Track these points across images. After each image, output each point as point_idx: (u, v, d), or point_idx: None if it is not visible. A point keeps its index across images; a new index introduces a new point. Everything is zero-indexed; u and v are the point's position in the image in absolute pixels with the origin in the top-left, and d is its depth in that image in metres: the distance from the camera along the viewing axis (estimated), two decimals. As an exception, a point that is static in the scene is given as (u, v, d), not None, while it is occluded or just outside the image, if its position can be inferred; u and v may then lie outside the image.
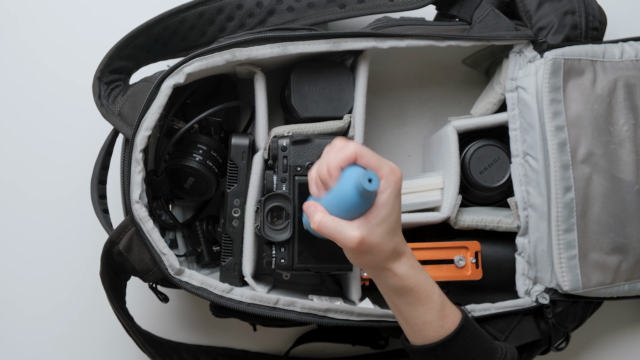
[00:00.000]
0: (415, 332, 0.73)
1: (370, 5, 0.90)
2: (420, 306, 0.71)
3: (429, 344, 0.72)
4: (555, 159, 0.84)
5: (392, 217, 0.67)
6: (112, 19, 1.03)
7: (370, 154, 0.67)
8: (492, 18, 0.88)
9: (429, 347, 0.72)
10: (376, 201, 0.66)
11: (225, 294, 0.83)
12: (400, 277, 0.69)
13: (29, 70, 1.03)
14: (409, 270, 0.70)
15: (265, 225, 0.81)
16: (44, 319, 1.02)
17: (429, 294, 0.71)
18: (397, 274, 0.69)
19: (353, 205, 0.66)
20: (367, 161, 0.66)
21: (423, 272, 0.71)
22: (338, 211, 0.67)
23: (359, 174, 0.64)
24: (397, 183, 0.67)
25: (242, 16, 0.90)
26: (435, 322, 0.71)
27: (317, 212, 0.68)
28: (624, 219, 0.85)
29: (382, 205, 0.66)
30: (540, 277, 0.88)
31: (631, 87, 0.86)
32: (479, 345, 0.73)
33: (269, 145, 0.86)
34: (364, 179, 0.63)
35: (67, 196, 1.02)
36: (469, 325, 0.73)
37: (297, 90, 0.89)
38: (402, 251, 0.70)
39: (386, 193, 0.66)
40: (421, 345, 0.72)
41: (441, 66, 1.03)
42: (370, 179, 0.63)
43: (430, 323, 0.71)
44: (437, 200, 0.91)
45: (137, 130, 0.81)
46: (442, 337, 0.71)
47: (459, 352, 0.72)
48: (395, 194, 0.67)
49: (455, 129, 0.91)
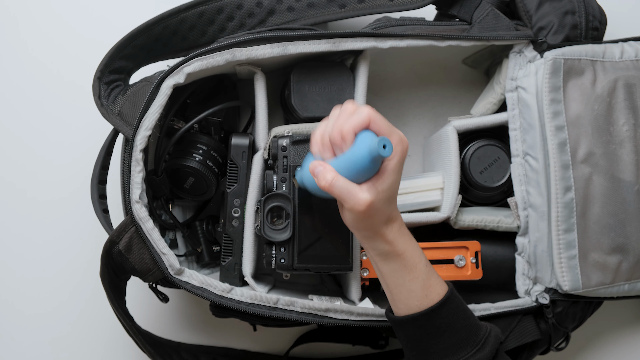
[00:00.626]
0: (399, 301, 0.72)
1: (370, 5, 0.90)
2: (406, 274, 0.71)
3: (412, 314, 0.71)
4: (555, 159, 0.84)
5: (395, 184, 0.69)
6: (112, 19, 1.03)
7: (382, 120, 0.67)
8: (492, 18, 0.88)
9: (412, 316, 0.71)
10: (383, 168, 0.67)
11: (225, 293, 0.83)
12: (389, 242, 0.70)
13: (29, 70, 1.03)
14: (399, 237, 0.71)
15: (265, 225, 0.81)
16: (44, 319, 1.02)
17: (415, 262, 0.71)
18: (387, 239, 0.70)
19: (364, 170, 0.66)
20: (379, 127, 0.67)
21: (412, 241, 0.72)
22: (348, 174, 0.67)
23: (373, 139, 0.64)
24: (403, 152, 0.68)
25: (242, 16, 0.90)
26: (420, 291, 0.71)
27: (328, 172, 0.68)
28: (624, 219, 0.85)
29: (389, 172, 0.67)
30: (540, 277, 0.88)
31: (631, 87, 0.86)
32: (463, 320, 0.72)
33: (269, 145, 0.86)
34: (379, 145, 0.64)
35: (67, 196, 1.02)
36: (454, 299, 0.73)
37: (297, 90, 0.89)
38: (394, 217, 0.71)
39: (394, 160, 0.67)
40: (404, 316, 0.72)
41: (441, 66, 1.03)
42: (384, 145, 0.64)
43: (414, 291, 0.71)
44: (437, 200, 0.91)
45: (137, 130, 0.81)
46: (426, 307, 0.71)
47: (442, 325, 0.71)
48: (401, 162, 0.68)
49: (455, 129, 0.91)
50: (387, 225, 0.70)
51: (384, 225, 0.70)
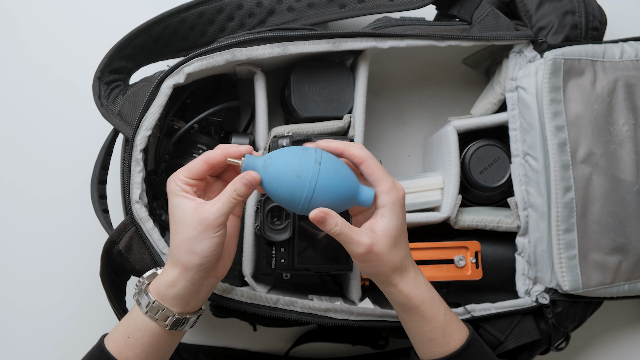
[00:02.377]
0: (422, 347, 0.74)
1: (370, 5, 0.90)
2: (425, 324, 0.72)
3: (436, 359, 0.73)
4: (555, 159, 0.84)
5: (396, 230, 0.69)
6: (112, 19, 1.03)
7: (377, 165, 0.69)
8: (492, 18, 0.88)
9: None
10: (379, 212, 0.69)
11: (225, 294, 0.83)
12: (404, 295, 0.71)
13: (29, 70, 1.03)
14: (415, 289, 0.71)
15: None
16: (44, 318, 1.02)
17: (434, 313, 0.72)
18: (402, 292, 0.71)
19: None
20: (372, 171, 0.69)
21: (430, 291, 0.72)
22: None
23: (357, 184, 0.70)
24: (399, 198, 0.69)
25: (242, 16, 0.90)
26: (440, 339, 0.72)
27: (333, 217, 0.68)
28: (624, 219, 0.85)
29: (385, 216, 0.69)
30: (540, 277, 0.88)
31: (631, 87, 0.86)
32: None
33: (269, 145, 0.86)
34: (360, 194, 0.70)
35: (67, 196, 1.02)
36: (475, 343, 0.74)
37: (297, 90, 0.89)
38: (407, 268, 0.71)
39: (389, 207, 0.69)
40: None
41: (441, 66, 1.03)
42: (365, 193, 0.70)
43: (435, 340, 0.72)
44: (437, 200, 0.91)
45: (137, 130, 0.81)
46: (448, 353, 0.72)
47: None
48: (396, 208, 0.69)
49: (455, 129, 0.91)
50: (399, 276, 0.70)
51: (396, 275, 0.70)
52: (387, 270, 0.70)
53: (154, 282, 0.71)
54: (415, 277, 0.71)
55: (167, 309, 0.70)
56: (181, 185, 0.70)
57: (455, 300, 0.92)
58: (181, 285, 0.69)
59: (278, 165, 0.68)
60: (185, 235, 0.68)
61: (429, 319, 0.71)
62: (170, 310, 0.70)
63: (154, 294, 0.70)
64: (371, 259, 0.69)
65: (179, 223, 0.69)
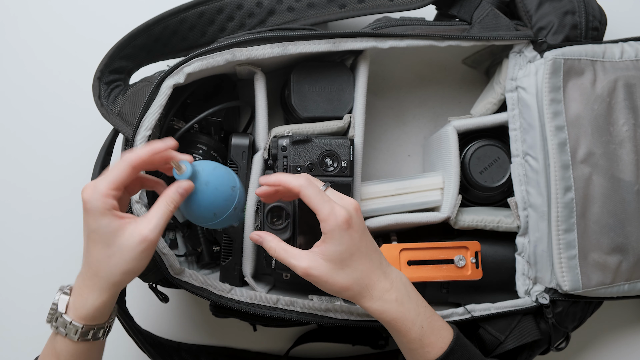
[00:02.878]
0: (405, 354, 0.75)
1: (370, 5, 0.90)
2: (402, 337, 0.73)
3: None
4: (555, 159, 0.84)
5: (336, 255, 0.70)
6: (112, 19, 1.03)
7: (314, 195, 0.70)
8: (492, 18, 0.88)
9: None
10: (322, 237, 0.70)
11: (225, 293, 0.83)
12: (371, 312, 0.72)
13: (29, 70, 1.03)
14: (382, 306, 0.71)
15: (265, 225, 0.81)
16: (44, 319, 1.02)
17: (408, 327, 0.72)
18: (368, 309, 0.72)
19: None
20: (308, 200, 0.70)
21: (401, 306, 0.72)
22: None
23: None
24: (338, 225, 0.69)
25: (242, 16, 0.90)
26: (420, 349, 0.73)
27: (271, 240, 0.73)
28: (624, 219, 0.85)
29: (327, 241, 0.70)
30: (540, 277, 0.88)
31: (631, 87, 0.86)
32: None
33: (269, 145, 0.86)
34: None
35: (67, 196, 1.02)
36: (458, 349, 0.74)
37: (297, 90, 0.89)
38: (368, 287, 0.71)
39: (329, 234, 0.69)
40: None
41: (441, 66, 1.03)
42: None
43: (415, 350, 0.73)
44: (437, 200, 0.91)
45: (137, 130, 0.81)
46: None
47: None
48: (336, 234, 0.69)
49: (455, 129, 0.91)
50: (359, 295, 0.71)
51: (353, 294, 0.71)
52: (338, 290, 0.71)
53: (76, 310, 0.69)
54: (381, 294, 0.71)
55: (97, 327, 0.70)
56: (106, 200, 0.66)
57: (455, 300, 0.92)
58: (110, 305, 0.70)
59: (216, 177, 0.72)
60: (123, 258, 0.67)
61: (403, 332, 0.72)
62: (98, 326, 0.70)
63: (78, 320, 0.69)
64: (314, 280, 0.70)
65: (112, 246, 0.66)
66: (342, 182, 0.84)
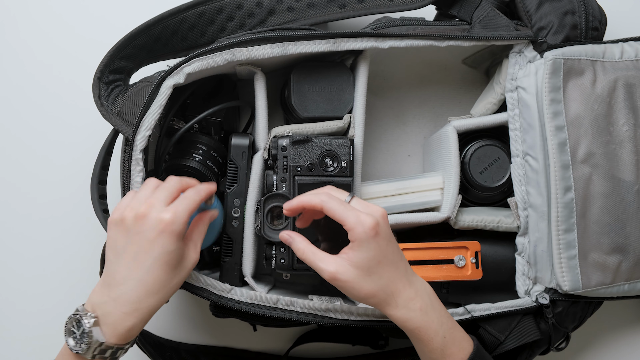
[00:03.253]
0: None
1: (370, 5, 0.90)
2: (423, 346, 0.73)
3: None
4: (555, 159, 0.84)
5: (364, 262, 0.70)
6: (112, 19, 1.03)
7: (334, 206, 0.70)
8: (492, 18, 0.88)
9: None
10: (350, 244, 0.70)
11: (225, 293, 0.83)
12: (395, 319, 0.72)
13: (29, 70, 1.03)
14: (405, 314, 0.72)
15: (265, 225, 0.81)
16: (44, 318, 1.02)
17: (430, 336, 0.72)
18: (391, 316, 0.72)
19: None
20: (332, 214, 0.70)
21: (425, 315, 0.72)
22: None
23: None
24: (365, 232, 0.69)
25: (242, 16, 0.90)
26: (441, 359, 0.73)
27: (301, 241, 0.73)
28: (624, 219, 0.85)
29: (354, 249, 0.70)
30: (540, 277, 0.88)
31: (631, 87, 0.86)
32: None
33: (269, 145, 0.86)
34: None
35: (67, 196, 1.02)
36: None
37: (297, 90, 0.89)
38: (393, 294, 0.71)
39: (356, 242, 0.69)
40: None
41: (441, 66, 1.03)
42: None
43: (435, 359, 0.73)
44: (437, 200, 0.91)
45: (137, 130, 0.81)
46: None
47: None
48: (365, 242, 0.69)
49: (455, 129, 0.91)
50: (383, 302, 0.72)
51: (379, 301, 0.71)
52: (364, 296, 0.71)
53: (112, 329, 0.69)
54: (406, 302, 0.72)
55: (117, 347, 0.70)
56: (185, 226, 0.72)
57: (455, 300, 0.92)
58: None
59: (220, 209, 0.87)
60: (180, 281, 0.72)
61: (426, 341, 0.72)
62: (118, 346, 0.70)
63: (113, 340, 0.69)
64: (340, 285, 0.71)
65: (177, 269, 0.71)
66: (342, 182, 0.84)
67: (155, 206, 0.71)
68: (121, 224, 0.71)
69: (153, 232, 0.69)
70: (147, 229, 0.69)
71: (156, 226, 0.69)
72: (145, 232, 0.69)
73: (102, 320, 0.69)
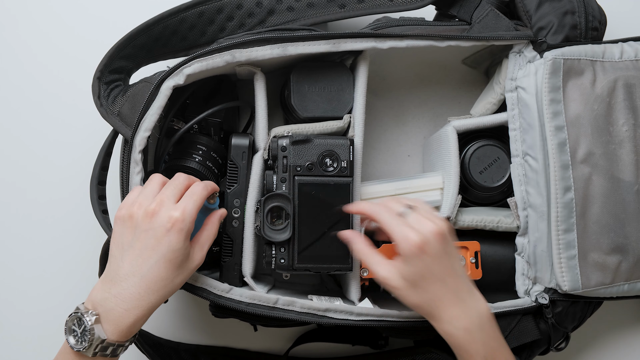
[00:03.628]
0: None
1: (370, 5, 0.90)
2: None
3: None
4: (555, 159, 0.84)
5: (410, 274, 0.72)
6: (112, 19, 1.03)
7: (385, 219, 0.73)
8: (492, 18, 0.88)
9: None
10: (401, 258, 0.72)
11: (224, 293, 0.83)
12: (440, 332, 0.74)
13: (29, 70, 1.03)
14: (450, 330, 0.73)
15: (265, 225, 0.81)
16: (43, 319, 1.02)
17: (471, 355, 0.73)
18: (437, 329, 0.74)
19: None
20: (383, 226, 0.73)
21: (469, 335, 0.72)
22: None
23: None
24: (410, 249, 0.71)
25: (242, 16, 0.90)
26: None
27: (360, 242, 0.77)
28: (624, 219, 0.85)
29: (401, 261, 0.72)
30: (539, 277, 0.88)
31: (631, 87, 0.86)
32: None
33: (268, 145, 0.86)
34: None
35: (66, 196, 1.02)
36: None
37: (297, 90, 0.89)
38: (438, 309, 0.72)
39: (402, 256, 0.72)
40: None
41: (441, 66, 1.03)
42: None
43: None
44: (437, 200, 0.91)
45: (136, 131, 0.81)
46: None
47: None
48: (410, 256, 0.71)
49: (455, 129, 0.91)
50: (430, 314, 0.73)
51: (425, 312, 0.73)
52: (410, 306, 0.74)
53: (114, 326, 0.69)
54: (450, 319, 0.72)
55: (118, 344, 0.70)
56: (193, 224, 0.72)
57: (455, 300, 0.92)
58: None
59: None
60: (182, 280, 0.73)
61: (465, 358, 0.73)
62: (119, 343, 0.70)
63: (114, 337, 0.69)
64: (389, 290, 0.73)
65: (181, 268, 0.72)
66: (341, 182, 0.85)
67: (165, 203, 0.71)
68: (129, 220, 0.71)
69: (162, 230, 0.69)
70: (156, 227, 0.70)
71: (165, 224, 0.70)
72: (154, 229, 0.70)
73: (103, 317, 0.69)
